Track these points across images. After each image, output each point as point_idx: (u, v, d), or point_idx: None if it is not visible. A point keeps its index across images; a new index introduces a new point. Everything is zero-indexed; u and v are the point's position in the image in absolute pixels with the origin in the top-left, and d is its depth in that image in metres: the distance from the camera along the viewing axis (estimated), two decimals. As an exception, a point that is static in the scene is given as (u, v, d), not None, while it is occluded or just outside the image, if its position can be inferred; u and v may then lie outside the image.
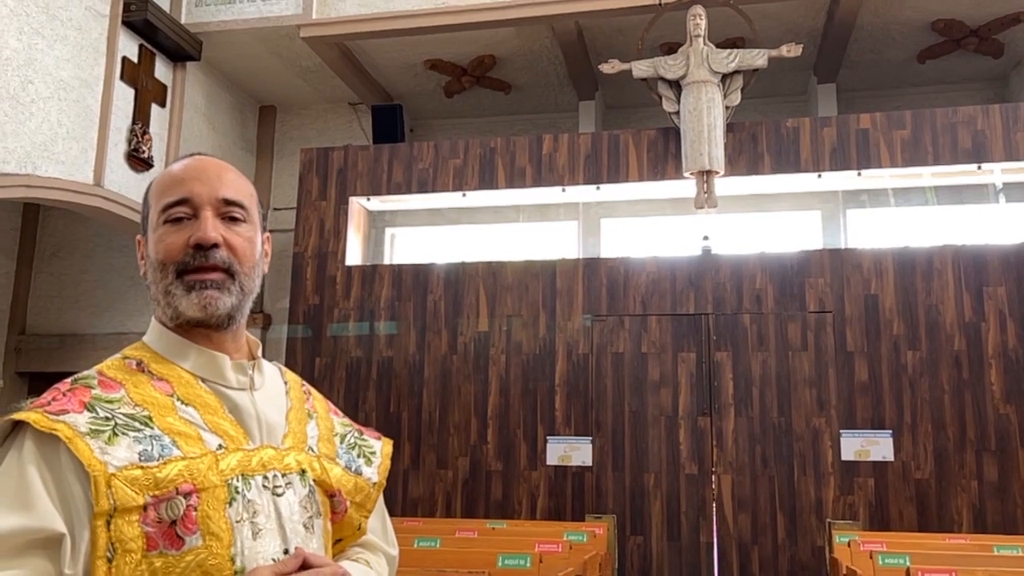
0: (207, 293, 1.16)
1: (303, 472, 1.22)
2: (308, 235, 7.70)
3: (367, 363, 7.29)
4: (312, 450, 1.26)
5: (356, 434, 1.39)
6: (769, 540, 6.42)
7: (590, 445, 6.78)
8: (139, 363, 1.17)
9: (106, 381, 1.11)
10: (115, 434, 1.03)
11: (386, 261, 8.32)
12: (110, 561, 0.98)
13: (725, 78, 6.88)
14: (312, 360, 7.38)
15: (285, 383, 1.33)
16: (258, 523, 1.10)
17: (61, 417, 1.02)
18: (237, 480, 1.10)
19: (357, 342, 7.35)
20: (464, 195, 7.63)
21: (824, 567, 6.23)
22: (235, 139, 9.03)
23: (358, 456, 1.34)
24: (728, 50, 6.94)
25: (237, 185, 1.24)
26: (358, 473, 1.32)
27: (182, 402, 1.12)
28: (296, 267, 7.66)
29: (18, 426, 1.05)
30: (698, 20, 6.93)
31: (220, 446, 1.11)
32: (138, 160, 7.38)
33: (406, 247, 8.63)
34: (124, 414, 1.06)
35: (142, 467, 1.02)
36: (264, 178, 9.26)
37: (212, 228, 1.17)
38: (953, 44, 7.76)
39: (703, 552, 6.50)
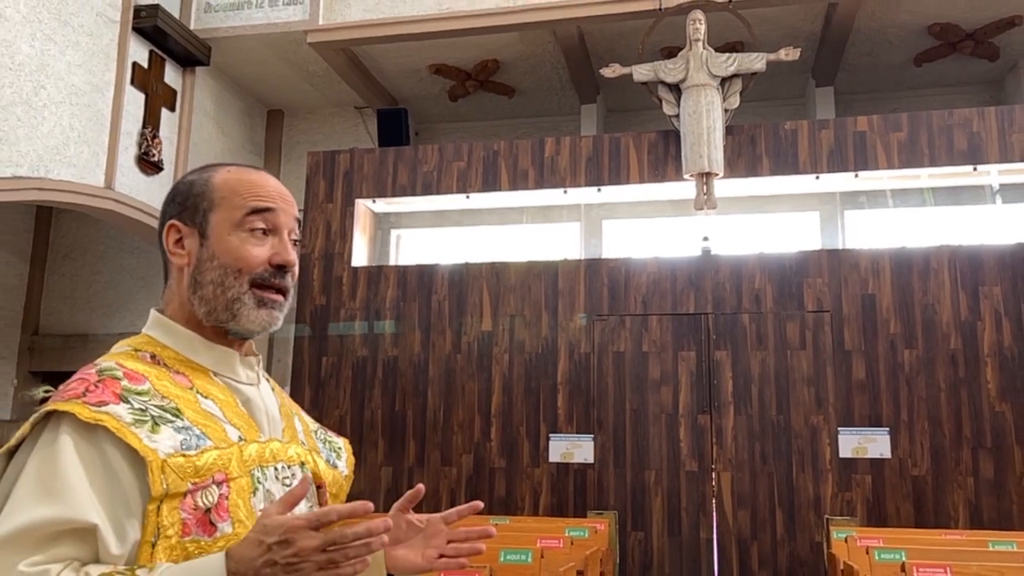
0: (274, 314, 1.21)
1: (302, 464, 1.25)
2: (315, 237, 7.71)
3: (373, 362, 7.30)
4: (303, 443, 1.29)
5: (323, 431, 1.41)
6: (768, 536, 6.41)
7: (592, 442, 6.78)
8: (153, 356, 1.17)
9: (131, 373, 1.10)
10: (156, 424, 1.04)
11: (391, 262, 8.33)
12: (153, 546, 0.99)
13: (724, 81, 6.88)
14: (319, 359, 7.39)
15: (268, 381, 1.34)
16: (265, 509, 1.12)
17: (104, 408, 1.02)
18: (257, 470, 1.13)
19: (363, 342, 7.36)
20: (468, 197, 7.63)
21: (822, 563, 6.22)
22: (243, 143, 9.05)
23: (330, 451, 1.37)
24: (727, 54, 6.94)
25: (297, 208, 1.32)
26: (334, 467, 1.35)
27: (202, 395, 1.14)
28: (303, 268, 7.65)
29: (49, 416, 1.04)
30: (698, 25, 6.93)
31: (240, 438, 1.13)
32: (148, 164, 7.40)
33: (411, 248, 8.64)
34: (156, 406, 1.07)
35: (184, 455, 1.04)
36: (272, 181, 9.26)
37: (293, 251, 1.23)
38: (949, 48, 7.75)
39: (703, 548, 6.49)
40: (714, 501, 6.53)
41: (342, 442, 1.43)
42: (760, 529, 6.43)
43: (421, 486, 1.27)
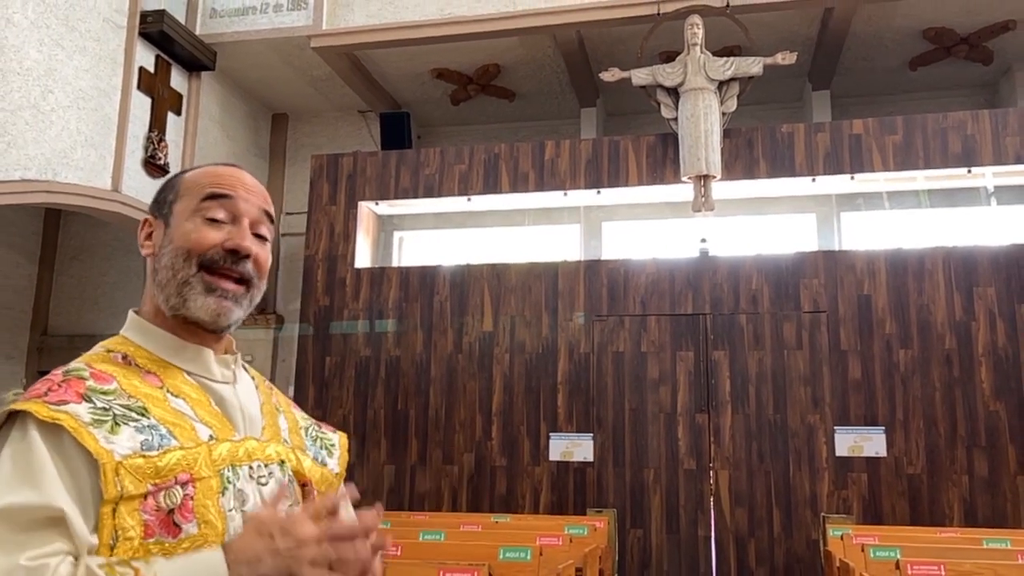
0: (224, 304, 1.16)
1: (282, 462, 1.22)
2: (319, 238, 7.71)
3: (375, 362, 7.29)
4: (286, 441, 1.26)
5: (316, 428, 1.37)
6: (765, 533, 6.40)
7: (591, 441, 6.77)
8: (124, 356, 1.15)
9: (98, 373, 1.08)
10: (116, 424, 1.02)
11: (394, 263, 8.33)
12: (112, 548, 0.97)
13: (722, 85, 6.87)
14: (322, 359, 7.39)
15: (252, 379, 1.31)
16: (247, 512, 1.10)
17: (63, 407, 1.00)
18: (228, 470, 1.10)
19: (366, 342, 7.36)
20: (469, 199, 7.63)
21: (818, 560, 6.21)
22: (248, 146, 9.05)
23: (321, 448, 1.33)
24: (725, 58, 6.93)
25: (269, 200, 1.26)
26: (323, 464, 1.31)
27: (172, 394, 1.11)
28: (307, 269, 7.67)
29: (12, 417, 1.02)
30: (695, 29, 6.92)
31: (211, 437, 1.11)
32: (155, 166, 7.41)
33: (413, 250, 8.64)
34: (121, 405, 1.04)
35: (144, 456, 1.01)
36: (276, 184, 9.28)
37: (250, 239, 1.18)
38: (944, 51, 7.73)
39: (701, 545, 6.48)
40: (712, 499, 6.52)
41: (337, 437, 1.40)
42: (757, 527, 6.42)
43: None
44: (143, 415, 1.05)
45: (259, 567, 0.94)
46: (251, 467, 1.14)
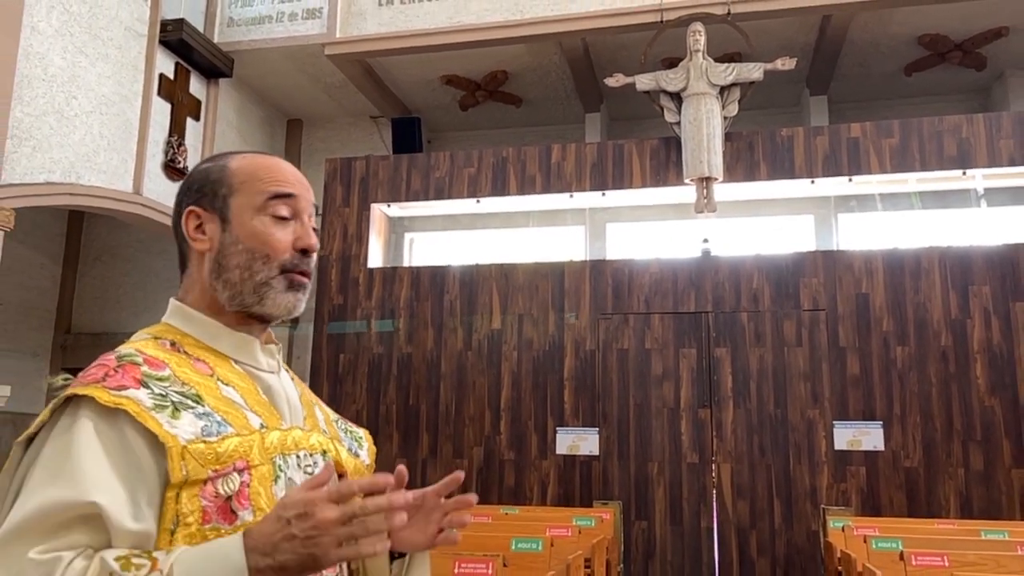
0: (299, 296, 1.15)
1: (324, 452, 1.18)
2: (332, 239, 7.67)
3: (388, 359, 7.25)
4: (325, 432, 1.23)
5: (343, 421, 1.35)
6: (766, 525, 6.34)
7: (597, 436, 6.72)
8: (173, 343, 1.10)
9: (151, 359, 1.03)
10: (176, 409, 0.98)
11: (405, 263, 8.28)
12: (172, 533, 0.93)
13: (723, 90, 6.82)
14: (336, 356, 7.36)
15: (288, 372, 1.27)
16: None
17: (124, 392, 0.96)
18: (279, 458, 1.07)
19: (378, 339, 7.32)
20: (478, 201, 7.59)
21: (818, 551, 6.15)
22: (264, 151, 9.01)
23: (352, 440, 1.31)
24: (726, 64, 6.88)
25: (312, 193, 1.25)
26: (356, 456, 1.29)
27: (223, 382, 1.07)
28: (321, 269, 7.63)
29: (68, 401, 0.97)
30: (698, 36, 6.87)
31: (262, 425, 1.07)
32: (174, 170, 7.38)
33: (424, 250, 8.59)
34: (176, 392, 1.00)
35: (205, 441, 0.97)
36: (291, 187, 9.23)
37: (312, 235, 1.17)
38: (938, 58, 7.67)
39: (704, 536, 6.42)
40: (714, 492, 6.46)
41: (363, 432, 1.37)
42: (759, 519, 6.36)
43: (460, 473, 1.17)
44: (198, 402, 1.01)
45: (277, 555, 0.88)
46: (298, 456, 1.11)
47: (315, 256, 1.19)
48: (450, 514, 1.19)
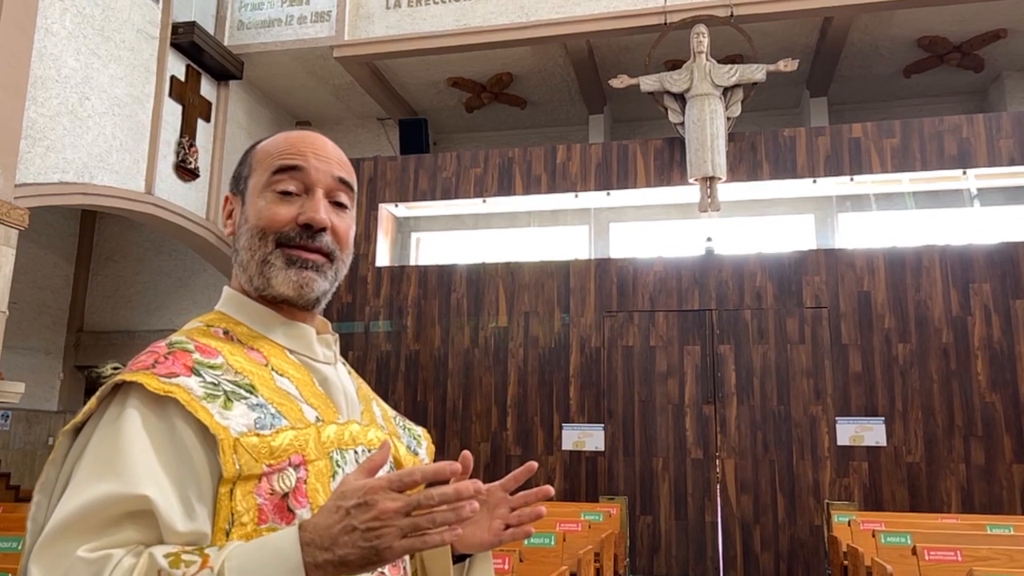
0: (306, 274, 1.02)
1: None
2: (341, 239, 7.59)
3: (396, 356, 7.18)
4: (383, 427, 1.12)
5: (401, 419, 1.24)
6: (770, 519, 6.26)
7: (602, 431, 6.65)
8: (226, 331, 1.01)
9: (203, 347, 0.95)
10: (229, 399, 0.89)
11: (412, 262, 8.21)
12: (227, 533, 0.84)
13: (726, 91, 6.75)
14: (345, 354, 7.25)
15: (344, 364, 1.18)
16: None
17: (174, 380, 0.88)
18: (336, 453, 0.97)
19: (386, 337, 7.24)
20: (484, 201, 7.51)
21: (821, 544, 6.08)
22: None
23: (411, 438, 1.20)
24: (729, 65, 6.81)
25: (348, 166, 1.10)
26: (415, 453, 1.18)
27: (277, 373, 0.98)
28: (330, 268, 7.55)
29: (117, 389, 0.89)
30: (701, 38, 6.80)
31: (318, 419, 0.97)
32: (185, 170, 7.30)
33: (431, 250, 8.52)
34: (229, 381, 0.92)
35: (258, 435, 0.88)
36: (300, 187, 9.17)
37: (325, 210, 1.03)
38: (937, 59, 7.59)
39: (708, 531, 6.35)
40: (718, 487, 6.39)
41: (421, 431, 1.27)
42: (762, 513, 6.29)
43: (534, 463, 1.03)
44: (252, 393, 0.92)
45: (336, 549, 0.78)
46: (356, 451, 1.01)
47: (341, 238, 1.05)
48: (523, 509, 1.09)
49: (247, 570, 0.78)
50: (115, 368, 0.91)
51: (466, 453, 0.96)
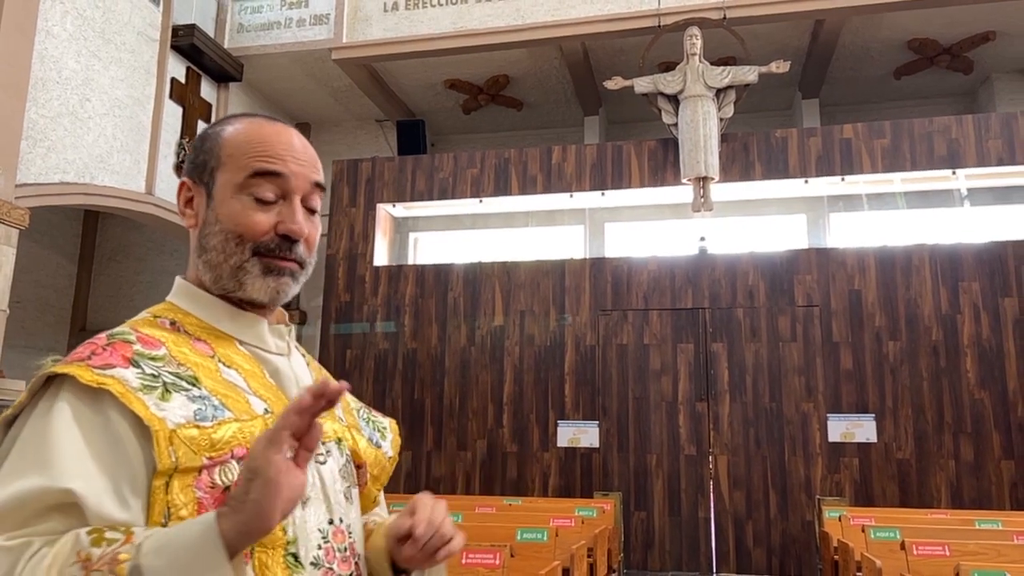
0: (283, 281, 0.99)
1: (339, 441, 1.04)
2: (339, 239, 7.57)
3: (393, 354, 7.16)
4: (341, 420, 1.08)
5: (366, 410, 1.20)
6: (762, 515, 6.24)
7: (597, 428, 6.63)
8: (173, 322, 0.97)
9: (145, 338, 0.91)
10: (167, 391, 0.86)
11: (410, 262, 8.18)
12: (164, 527, 0.80)
13: (719, 93, 6.72)
14: (344, 352, 7.25)
15: (303, 356, 1.13)
16: (305, 491, 0.91)
17: (108, 371, 0.84)
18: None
19: (384, 336, 7.22)
20: (481, 201, 7.49)
21: (813, 540, 6.05)
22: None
23: (374, 430, 1.16)
24: (722, 67, 6.79)
25: (319, 166, 1.05)
26: (378, 446, 1.13)
27: (224, 364, 0.95)
28: (329, 268, 7.53)
29: (50, 382, 0.86)
30: (694, 40, 6.78)
31: (266, 410, 0.94)
32: (186, 171, 7.28)
33: (428, 249, 8.49)
34: (171, 372, 0.88)
35: (198, 426, 0.85)
36: (300, 188, 9.15)
37: (303, 222, 0.99)
38: (927, 61, 7.58)
39: (701, 526, 6.33)
40: (711, 483, 6.37)
41: (388, 422, 1.21)
42: (755, 509, 6.27)
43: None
44: (194, 384, 0.89)
45: (237, 505, 0.75)
46: None
47: (311, 244, 1.02)
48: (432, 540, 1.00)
49: (165, 541, 0.76)
50: (55, 360, 0.88)
51: (328, 383, 0.82)
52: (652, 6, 7.05)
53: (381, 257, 7.60)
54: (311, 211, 1.03)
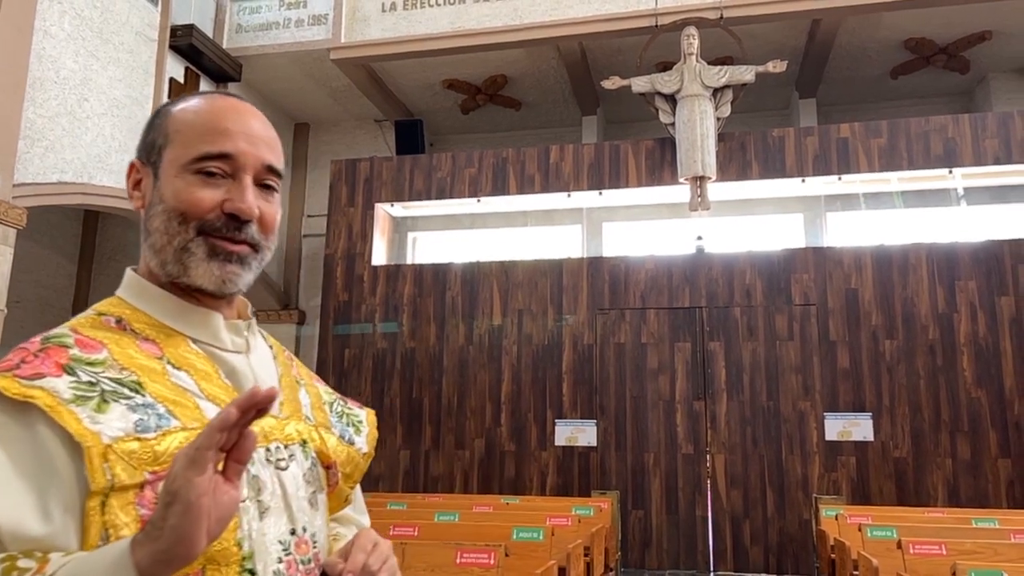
0: (230, 267, 0.90)
1: (304, 443, 0.95)
2: (338, 238, 7.54)
3: (392, 354, 7.13)
4: (308, 419, 1.00)
5: (341, 403, 1.11)
6: (759, 514, 6.21)
7: (595, 427, 6.60)
8: (119, 320, 0.89)
9: (85, 340, 0.83)
10: (104, 401, 0.78)
11: (408, 261, 8.15)
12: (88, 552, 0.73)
13: (716, 92, 6.69)
14: (342, 352, 7.22)
15: (270, 347, 1.05)
16: (264, 501, 0.86)
17: (37, 382, 0.76)
18: None
19: (383, 335, 7.19)
20: (479, 201, 7.46)
21: (810, 539, 6.02)
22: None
23: (348, 425, 1.07)
24: (719, 67, 6.75)
25: (277, 148, 0.97)
26: (350, 443, 1.05)
27: (173, 366, 0.86)
28: (327, 267, 7.50)
29: None
30: (691, 40, 6.75)
31: None
32: (184, 171, 7.24)
33: (426, 249, 8.46)
34: (110, 379, 0.80)
35: (139, 439, 0.77)
36: (299, 188, 9.12)
37: (253, 200, 0.91)
38: (923, 61, 7.54)
39: (699, 525, 6.30)
40: (709, 481, 6.34)
41: (364, 414, 1.12)
42: (752, 507, 6.24)
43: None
44: (137, 391, 0.81)
45: (156, 533, 0.67)
46: (268, 449, 0.89)
47: (258, 225, 0.92)
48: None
49: (76, 571, 0.69)
50: None
51: (256, 390, 0.74)
52: (649, 6, 7.01)
53: (379, 257, 7.57)
54: (267, 188, 0.94)
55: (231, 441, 0.71)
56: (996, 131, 6.49)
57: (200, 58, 7.39)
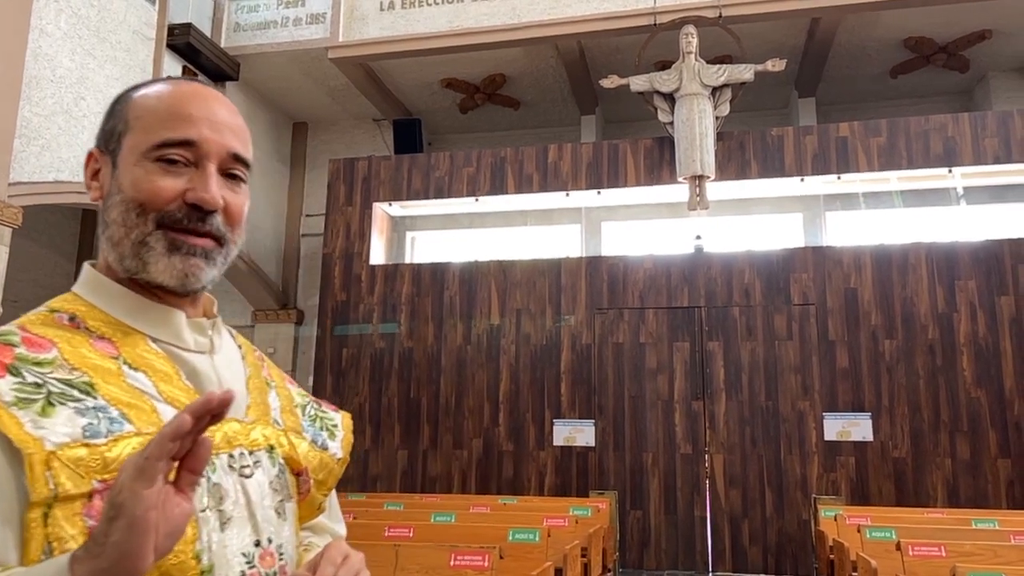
0: (193, 262, 0.84)
1: (271, 448, 0.89)
2: (336, 237, 7.51)
3: (390, 353, 7.09)
4: (277, 423, 0.94)
5: (315, 406, 1.05)
6: (758, 514, 6.17)
7: (593, 427, 6.56)
8: (72, 318, 0.83)
9: (33, 339, 0.78)
10: (50, 404, 0.73)
11: (407, 261, 8.12)
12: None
13: (715, 91, 6.65)
14: (340, 351, 7.19)
15: (239, 347, 0.98)
16: (225, 511, 0.80)
17: None
18: None
19: (381, 335, 7.15)
20: (477, 200, 7.42)
21: (809, 539, 5.98)
22: (271, 153, 8.84)
23: (321, 429, 1.01)
24: (718, 65, 6.72)
25: (245, 137, 0.91)
26: (324, 448, 0.99)
27: (130, 366, 0.81)
28: (325, 267, 7.47)
29: None
30: (690, 38, 6.71)
31: None
32: (182, 170, 7.21)
33: (424, 248, 8.43)
34: (59, 380, 0.75)
35: (87, 445, 0.72)
36: (297, 187, 9.09)
37: (217, 190, 0.85)
38: (923, 60, 7.50)
39: (697, 525, 6.26)
40: (707, 482, 6.30)
41: (340, 417, 1.06)
42: (751, 507, 6.20)
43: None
44: (88, 393, 0.76)
45: (96, 549, 0.63)
46: (231, 455, 0.84)
47: (223, 216, 0.86)
48: None
49: None
50: None
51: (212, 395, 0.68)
52: (648, 4, 6.98)
53: (377, 256, 7.54)
54: (233, 177, 0.89)
55: (184, 449, 0.66)
56: (996, 130, 6.45)
57: (198, 57, 7.35)
